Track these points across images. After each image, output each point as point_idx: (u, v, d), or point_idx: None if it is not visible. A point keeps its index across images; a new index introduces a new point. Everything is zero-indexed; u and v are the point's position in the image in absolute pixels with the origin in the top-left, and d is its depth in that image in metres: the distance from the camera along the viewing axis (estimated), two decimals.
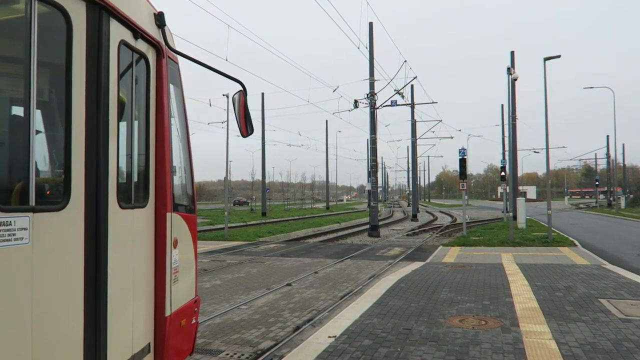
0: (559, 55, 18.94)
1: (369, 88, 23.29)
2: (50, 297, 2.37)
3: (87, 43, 2.68)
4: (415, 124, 37.71)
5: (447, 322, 6.31)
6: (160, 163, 3.46)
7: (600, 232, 23.86)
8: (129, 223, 3.09)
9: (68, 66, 2.56)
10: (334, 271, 12.03)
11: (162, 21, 3.53)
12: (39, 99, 2.42)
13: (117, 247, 2.89)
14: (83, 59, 2.65)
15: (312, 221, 34.01)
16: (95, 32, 2.74)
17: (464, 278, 9.79)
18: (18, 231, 2.18)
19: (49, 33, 2.44)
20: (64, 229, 2.49)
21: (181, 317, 3.74)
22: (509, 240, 17.69)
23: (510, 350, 5.15)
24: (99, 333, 2.73)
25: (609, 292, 8.22)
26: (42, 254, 2.31)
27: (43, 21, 2.34)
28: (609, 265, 11.83)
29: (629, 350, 5.11)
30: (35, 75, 2.33)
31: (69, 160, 2.55)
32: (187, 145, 4.08)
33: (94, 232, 2.70)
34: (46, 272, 2.34)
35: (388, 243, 19.89)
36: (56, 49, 2.55)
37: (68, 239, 2.52)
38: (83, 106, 2.65)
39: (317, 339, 5.66)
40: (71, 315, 2.54)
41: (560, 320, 6.34)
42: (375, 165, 24.29)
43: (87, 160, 2.66)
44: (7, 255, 2.10)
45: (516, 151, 28.77)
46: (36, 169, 2.38)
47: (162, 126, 3.47)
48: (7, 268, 2.11)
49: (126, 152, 3.13)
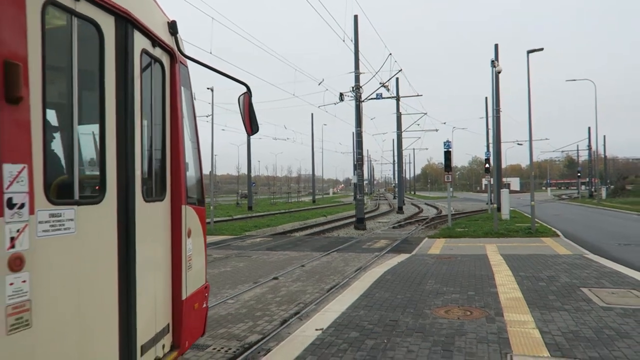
0: (541, 48, 19.14)
1: (355, 81, 23.28)
2: (92, 280, 2.71)
3: (116, 52, 3.01)
4: (401, 117, 37.84)
5: (433, 313, 6.37)
6: (175, 160, 3.78)
7: (582, 223, 24.27)
8: (151, 215, 3.43)
9: (101, 72, 2.89)
10: (321, 264, 12.06)
11: (175, 29, 3.87)
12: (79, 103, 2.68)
13: (143, 236, 3.22)
14: (113, 66, 2.98)
15: (298, 215, 34.01)
16: (122, 42, 3.07)
17: (450, 269, 9.89)
18: (66, 222, 2.52)
19: (85, 44, 2.73)
20: (101, 220, 2.82)
21: (194, 301, 4.09)
22: (493, 232, 17.91)
23: (494, 340, 5.22)
24: (130, 310, 3.07)
25: (590, 281, 8.38)
26: (84, 241, 2.63)
27: (81, 33, 2.67)
28: (590, 255, 12.04)
29: (610, 338, 5.21)
30: (77, 81, 2.64)
31: (104, 159, 2.87)
32: (197, 143, 4.42)
33: (124, 222, 3.03)
34: (88, 258, 2.68)
35: (374, 235, 19.99)
36: (91, 58, 2.85)
37: (104, 228, 2.85)
38: (114, 109, 2.98)
39: (304, 332, 5.68)
40: (108, 295, 2.87)
41: (543, 310, 6.44)
42: (361, 158, 24.34)
43: (118, 158, 2.99)
44: (59, 243, 2.43)
45: (500, 143, 29.07)
46: (79, 167, 2.72)
47: (176, 126, 3.79)
48: (59, 254, 2.43)
49: (147, 150, 3.43)
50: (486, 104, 35.76)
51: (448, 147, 20.22)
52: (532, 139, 19.31)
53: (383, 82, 25.86)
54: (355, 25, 23.51)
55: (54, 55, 2.52)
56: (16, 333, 2.16)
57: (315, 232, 21.57)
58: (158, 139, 3.63)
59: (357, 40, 23.34)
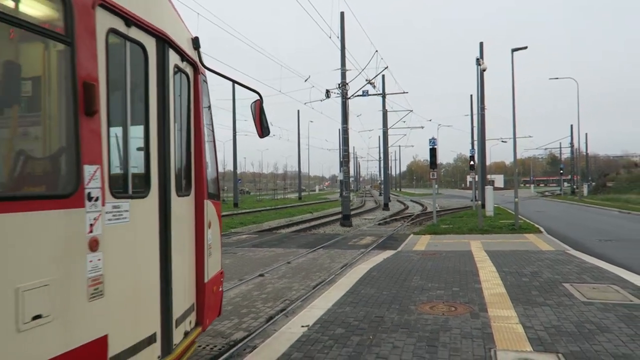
0: (525, 46, 19.32)
1: (341, 78, 23.26)
2: (141, 261, 3.26)
3: (156, 67, 3.53)
4: (387, 114, 37.94)
5: (418, 309, 6.42)
6: (198, 160, 4.29)
7: (564, 219, 24.65)
8: (181, 208, 3.95)
9: (145, 85, 3.40)
10: (307, 261, 12.07)
11: (198, 44, 4.40)
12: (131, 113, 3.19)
13: (175, 226, 3.75)
14: (154, 80, 3.49)
15: (284, 211, 33.96)
16: (161, 59, 3.59)
17: (435, 265, 9.97)
18: (123, 212, 3.05)
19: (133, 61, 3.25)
20: (146, 211, 3.37)
21: (213, 285, 4.66)
22: (478, 228, 18.08)
23: (478, 335, 5.28)
24: (168, 288, 3.64)
25: (572, 276, 8.51)
26: (135, 229, 3.17)
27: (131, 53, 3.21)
28: (572, 251, 12.23)
29: (591, 332, 5.31)
30: (128, 93, 3.16)
31: (149, 160, 3.40)
32: (213, 145, 4.93)
33: (163, 214, 3.58)
34: (138, 243, 3.22)
35: (360, 232, 20.05)
36: (137, 73, 3.34)
37: (148, 219, 3.41)
38: (155, 117, 3.49)
39: (290, 328, 5.68)
40: (152, 274, 3.45)
41: (526, 305, 6.53)
42: (347, 155, 24.37)
43: (159, 159, 3.52)
44: (119, 229, 2.97)
45: (485, 141, 29.31)
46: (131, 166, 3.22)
47: (199, 129, 4.30)
48: (119, 238, 2.96)
49: (178, 151, 3.93)
50: (471, 102, 36.06)
51: (433, 144, 20.33)
52: (516, 136, 19.53)
53: (369, 79, 25.90)
54: (342, 22, 23.48)
55: (112, 73, 2.99)
56: (94, 301, 2.74)
57: (302, 229, 21.56)
58: (185, 142, 4.12)
59: (344, 37, 23.33)
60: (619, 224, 21.63)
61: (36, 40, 2.63)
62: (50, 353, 2.42)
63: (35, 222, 2.39)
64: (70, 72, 2.64)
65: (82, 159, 2.64)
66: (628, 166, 72.77)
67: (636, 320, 5.71)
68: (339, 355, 4.74)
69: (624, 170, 67.40)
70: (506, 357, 4.59)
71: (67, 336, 2.54)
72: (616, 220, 23.88)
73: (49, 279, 2.44)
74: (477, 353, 4.73)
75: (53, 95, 2.76)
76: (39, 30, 2.55)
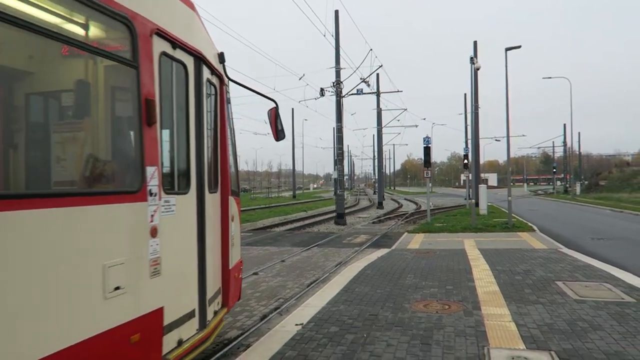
0: (519, 45, 19.40)
1: (335, 76, 23.24)
2: (184, 247, 3.90)
3: (194, 82, 4.13)
4: (381, 113, 37.99)
5: (412, 308, 6.43)
6: (223, 162, 4.88)
7: (557, 218, 24.79)
8: (212, 203, 4.51)
9: (186, 98, 4.01)
10: (301, 259, 12.07)
11: (223, 59, 5.03)
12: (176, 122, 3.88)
13: (208, 218, 4.34)
14: (193, 93, 4.10)
15: (278, 210, 33.92)
16: (197, 75, 4.19)
17: (428, 264, 10.00)
18: (172, 206, 3.66)
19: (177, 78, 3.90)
20: (187, 205, 3.97)
21: (235, 271, 5.25)
22: (471, 227, 18.15)
23: (472, 333, 5.30)
24: (203, 270, 4.22)
25: (564, 274, 8.57)
26: (179, 220, 3.78)
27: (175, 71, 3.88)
28: (565, 249, 12.31)
29: (583, 330, 5.34)
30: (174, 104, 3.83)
31: (189, 162, 4.02)
32: (235, 147, 5.49)
33: (199, 208, 4.17)
34: (181, 232, 3.85)
35: (354, 231, 20.07)
36: (179, 88, 3.95)
37: (189, 211, 4.01)
38: (193, 124, 4.08)
39: (284, 327, 5.67)
40: (192, 258, 4.06)
41: (519, 303, 6.56)
42: (341, 153, 24.37)
43: (196, 161, 4.12)
44: (169, 220, 3.59)
45: (478, 139, 29.41)
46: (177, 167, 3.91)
47: (224, 134, 4.89)
48: (169, 227, 3.58)
49: (209, 153, 4.48)
50: (465, 101, 36.20)
51: (427, 143, 20.37)
52: (509, 135, 19.61)
53: (364, 78, 25.91)
54: (336, 20, 23.46)
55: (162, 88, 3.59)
56: (154, 278, 3.36)
57: (296, 227, 21.55)
58: (213, 144, 4.66)
59: (338, 35, 23.30)
60: (611, 222, 21.79)
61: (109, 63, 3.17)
62: (125, 318, 3.05)
63: (113, 213, 3.01)
64: (136, 90, 3.24)
65: (145, 162, 3.27)
66: (620, 165, 73.31)
67: (628, 318, 5.76)
68: (333, 353, 4.75)
69: (616, 169, 67.85)
70: (499, 355, 4.61)
71: (136, 305, 3.18)
72: (608, 218, 24.06)
73: (124, 258, 3.07)
74: (470, 351, 4.75)
75: (124, 110, 3.39)
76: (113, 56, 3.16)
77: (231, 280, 4.98)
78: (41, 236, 2.49)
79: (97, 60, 3.10)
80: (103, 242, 2.91)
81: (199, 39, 4.28)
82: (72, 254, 2.69)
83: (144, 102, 3.28)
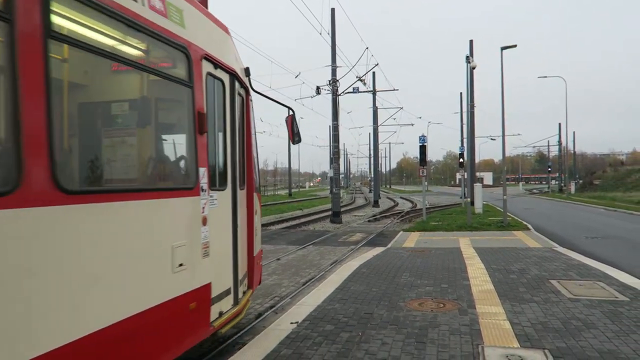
0: (515, 45, 19.43)
1: (331, 75, 23.22)
2: (223, 234, 4.67)
3: (229, 95, 4.93)
4: (377, 111, 37.99)
5: (407, 306, 6.45)
6: (249, 162, 5.62)
7: (551, 217, 24.89)
8: (241, 198, 5.27)
9: (223, 109, 4.80)
10: (297, 258, 12.07)
11: (249, 73, 5.79)
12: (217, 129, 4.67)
13: (240, 211, 5.16)
14: (228, 105, 4.89)
15: (274, 208, 33.87)
16: (232, 89, 4.99)
17: (424, 262, 10.02)
18: (215, 200, 4.44)
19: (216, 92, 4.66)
20: (225, 200, 4.74)
21: (258, 259, 6.02)
22: (467, 225, 18.20)
23: (466, 332, 5.32)
24: (236, 254, 5.01)
25: (559, 273, 8.61)
26: (220, 211, 4.55)
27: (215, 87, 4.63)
28: (559, 248, 12.37)
29: (577, 328, 5.38)
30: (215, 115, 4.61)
31: (225, 163, 4.80)
32: (256, 150, 6.15)
33: (233, 202, 4.96)
34: (221, 221, 4.61)
35: (350, 229, 20.08)
36: (218, 100, 4.69)
37: (226, 205, 4.79)
38: (229, 131, 4.88)
39: (279, 325, 5.68)
40: (228, 243, 4.86)
41: (514, 302, 6.59)
42: (337, 152, 24.37)
43: (231, 162, 4.92)
44: (213, 211, 4.36)
45: (474, 138, 29.50)
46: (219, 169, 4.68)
47: (249, 139, 5.65)
48: (213, 217, 4.35)
49: (239, 156, 5.23)
50: (461, 100, 36.21)
51: (423, 141, 20.41)
52: (505, 134, 19.66)
53: (360, 76, 25.92)
54: (333, 19, 23.44)
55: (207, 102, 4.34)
56: (205, 258, 4.16)
57: (292, 226, 21.54)
58: (241, 148, 5.36)
59: (334, 34, 23.29)
60: (605, 221, 21.90)
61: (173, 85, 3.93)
62: (186, 289, 3.83)
63: (178, 204, 3.82)
64: (191, 105, 4.03)
65: (198, 164, 4.07)
66: (614, 164, 73.71)
67: (621, 317, 5.79)
68: (328, 351, 4.75)
69: (610, 168, 68.23)
70: (494, 353, 4.63)
71: (193, 279, 3.95)
72: (602, 217, 24.18)
73: (185, 241, 3.84)
74: (465, 349, 4.77)
75: (184, 122, 4.09)
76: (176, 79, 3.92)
77: (255, 266, 5.71)
78: (139, 219, 3.34)
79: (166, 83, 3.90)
80: (172, 227, 3.74)
81: (232, 58, 5.09)
82: (154, 234, 3.51)
83: (197, 115, 4.07)
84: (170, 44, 3.75)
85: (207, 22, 4.60)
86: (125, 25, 3.25)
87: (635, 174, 55.55)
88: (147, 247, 3.40)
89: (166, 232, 3.62)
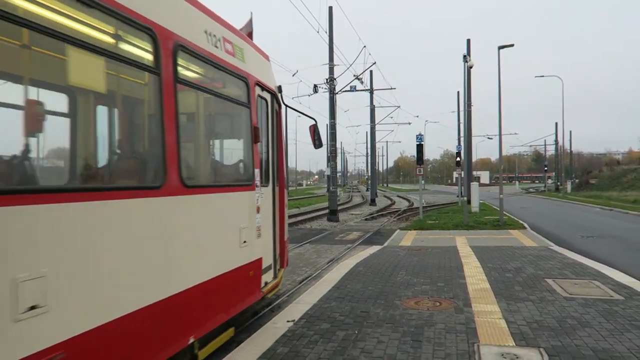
0: (512, 44, 19.44)
1: (329, 73, 23.24)
2: (267, 219, 5.90)
3: (270, 110, 6.20)
4: (374, 110, 38.01)
5: (403, 304, 6.47)
6: (281, 164, 6.63)
7: (547, 215, 24.96)
8: (276, 193, 6.43)
9: (266, 122, 6.09)
10: (293, 256, 12.06)
11: (280, 90, 6.74)
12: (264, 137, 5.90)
13: (277, 203, 6.43)
14: (270, 117, 6.19)
15: None
16: (272, 105, 6.28)
17: (420, 261, 10.04)
18: (262, 194, 5.60)
19: (262, 108, 5.95)
20: (268, 193, 5.99)
21: (287, 244, 7.02)
22: (463, 224, 18.24)
23: (462, 330, 5.34)
24: (275, 237, 6.28)
25: (554, 272, 8.64)
26: (265, 202, 5.76)
27: (261, 104, 5.87)
28: (555, 247, 12.41)
29: (572, 327, 5.40)
30: (264, 127, 5.95)
31: (268, 165, 6.05)
32: (285, 153, 7.09)
33: (272, 195, 6.23)
34: (266, 209, 5.81)
35: (347, 227, 20.10)
36: (262, 115, 5.94)
37: (269, 197, 6.02)
38: (270, 139, 6.21)
39: (275, 323, 5.68)
40: (270, 227, 6.08)
41: (509, 300, 6.62)
42: (334, 150, 24.37)
43: (272, 164, 6.21)
44: (262, 203, 5.58)
45: (471, 137, 29.53)
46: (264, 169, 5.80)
47: (280, 144, 6.65)
48: (263, 207, 5.59)
49: (275, 159, 6.41)
50: (458, 99, 36.27)
51: (420, 140, 20.42)
52: (501, 134, 19.69)
53: (357, 75, 25.92)
54: (330, 17, 23.41)
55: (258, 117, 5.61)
56: (258, 239, 5.43)
57: (289, 224, 21.48)
58: (277, 151, 6.48)
59: (332, 32, 23.27)
60: (601, 220, 21.98)
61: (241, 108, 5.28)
62: (247, 260, 5.14)
63: (242, 196, 5.11)
64: (249, 121, 5.34)
65: (254, 166, 5.36)
66: (610, 164, 73.89)
67: (616, 316, 5.82)
68: (324, 350, 4.76)
69: (607, 167, 68.40)
70: (489, 352, 4.65)
71: (251, 254, 5.25)
72: (598, 217, 24.26)
73: (247, 224, 5.14)
74: (460, 348, 4.79)
75: (245, 134, 5.35)
76: (240, 102, 5.25)
77: (284, 250, 6.72)
78: (223, 206, 4.71)
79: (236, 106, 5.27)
80: (240, 212, 5.03)
81: (271, 80, 6.37)
82: (230, 217, 4.85)
83: (253, 129, 5.36)
84: (238, 77, 5.13)
85: (257, 54, 5.91)
86: (214, 68, 4.64)
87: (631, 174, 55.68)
88: (228, 225, 4.79)
89: (237, 216, 4.95)
